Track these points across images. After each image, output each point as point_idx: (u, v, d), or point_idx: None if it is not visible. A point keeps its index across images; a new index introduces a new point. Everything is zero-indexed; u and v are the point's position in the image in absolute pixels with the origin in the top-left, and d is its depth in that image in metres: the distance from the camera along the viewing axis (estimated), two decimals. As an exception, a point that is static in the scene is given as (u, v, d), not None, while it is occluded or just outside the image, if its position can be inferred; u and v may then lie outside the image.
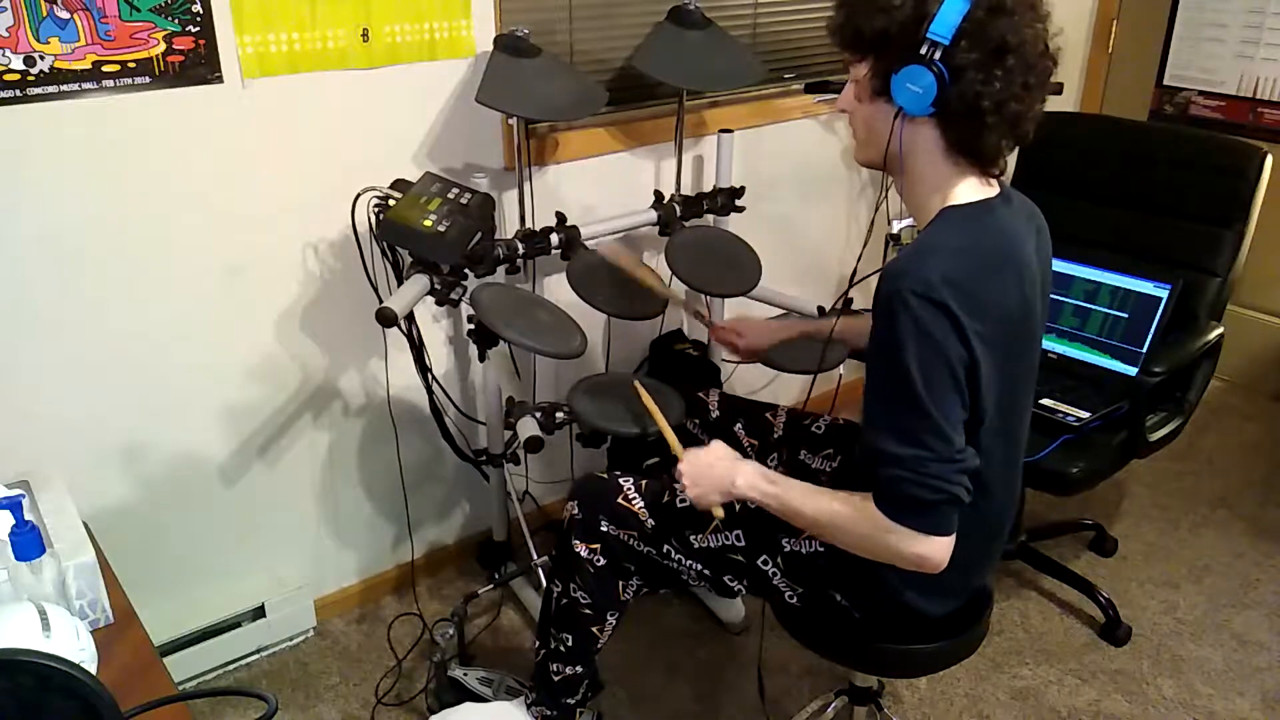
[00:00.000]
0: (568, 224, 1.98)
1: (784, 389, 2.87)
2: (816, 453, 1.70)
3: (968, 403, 1.19)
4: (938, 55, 1.15)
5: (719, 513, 1.42)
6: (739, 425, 1.76)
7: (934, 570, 1.25)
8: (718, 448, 1.43)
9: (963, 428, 1.20)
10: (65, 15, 1.50)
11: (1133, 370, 2.14)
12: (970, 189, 1.26)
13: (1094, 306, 2.22)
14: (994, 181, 1.29)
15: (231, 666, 2.04)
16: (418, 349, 2.00)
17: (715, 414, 1.79)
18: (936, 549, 1.22)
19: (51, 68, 1.51)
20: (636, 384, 1.71)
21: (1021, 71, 1.16)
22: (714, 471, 1.39)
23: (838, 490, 1.31)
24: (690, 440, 1.72)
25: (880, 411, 1.22)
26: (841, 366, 1.95)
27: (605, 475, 1.57)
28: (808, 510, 1.32)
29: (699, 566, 1.49)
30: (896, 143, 1.25)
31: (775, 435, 1.74)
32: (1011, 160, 1.74)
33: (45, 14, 1.48)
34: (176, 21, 1.60)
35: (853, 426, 1.68)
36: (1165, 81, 3.14)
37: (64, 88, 1.54)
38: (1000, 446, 1.30)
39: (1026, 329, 1.27)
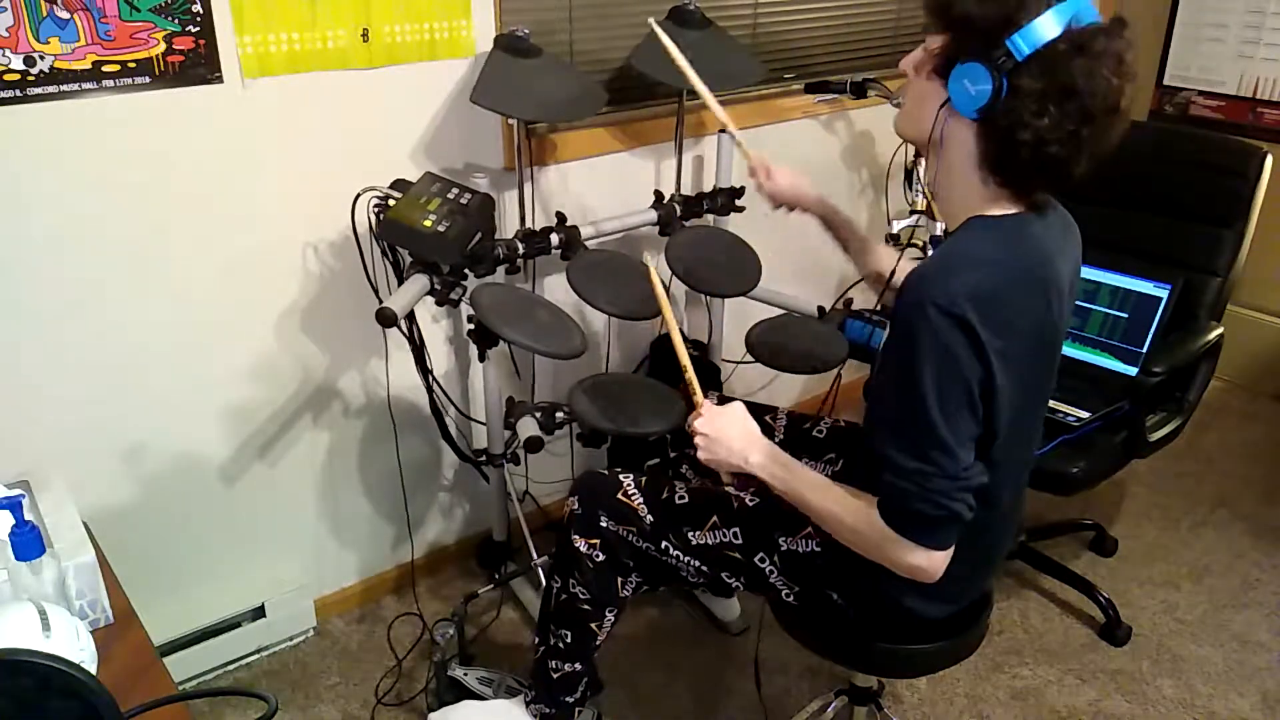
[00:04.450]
0: (568, 224, 1.98)
1: (784, 389, 2.87)
2: (818, 458, 1.70)
3: (981, 420, 1.18)
4: (1006, 66, 1.11)
5: (727, 479, 1.41)
6: None
7: (928, 580, 1.25)
8: (738, 414, 1.40)
9: (973, 445, 1.19)
10: (65, 15, 1.50)
11: (1133, 370, 2.14)
12: (1003, 207, 1.23)
13: (1094, 306, 2.22)
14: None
15: (231, 666, 2.04)
16: (418, 349, 2.00)
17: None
18: (933, 562, 1.23)
19: (51, 68, 1.51)
20: (650, 269, 1.63)
21: (1076, 120, 1.11)
22: (731, 442, 1.38)
23: (853, 491, 1.30)
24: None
25: (891, 420, 1.21)
26: (841, 367, 1.96)
27: (606, 472, 1.57)
28: (814, 501, 1.32)
29: (697, 563, 1.49)
30: (938, 130, 1.21)
31: (777, 440, 1.73)
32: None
33: (45, 14, 1.48)
34: (176, 21, 1.60)
35: (854, 429, 1.68)
36: (1165, 81, 3.14)
37: (64, 88, 1.54)
38: (1009, 459, 1.29)
39: (1048, 346, 1.26)
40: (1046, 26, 1.10)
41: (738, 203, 2.27)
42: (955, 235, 1.24)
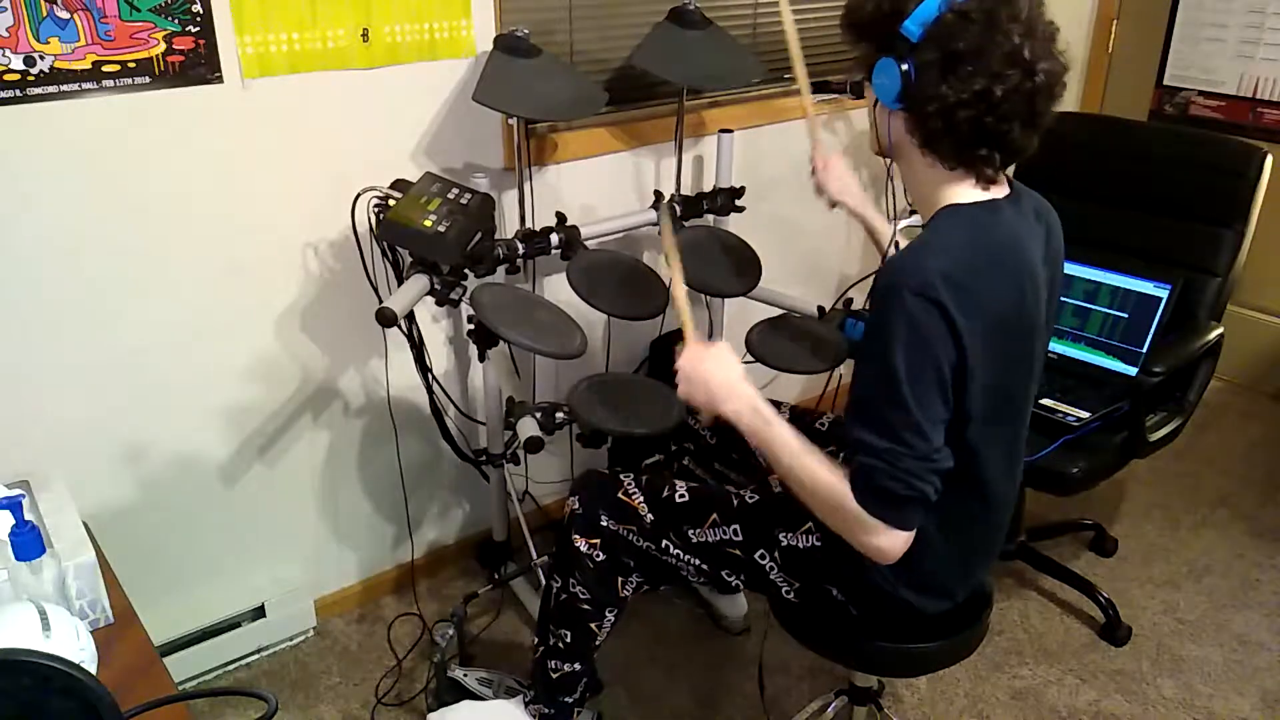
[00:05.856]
0: (568, 224, 1.98)
1: (784, 388, 2.87)
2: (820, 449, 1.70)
3: (951, 403, 1.20)
4: (905, 51, 1.18)
5: (707, 420, 1.41)
6: None
7: (886, 562, 1.27)
8: (722, 358, 1.36)
9: (943, 428, 1.21)
10: (65, 15, 1.50)
11: (1133, 370, 2.14)
12: (970, 190, 1.26)
13: (1094, 306, 2.22)
14: (1002, 182, 1.29)
15: (231, 666, 2.05)
16: (418, 349, 2.00)
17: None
18: (894, 542, 1.24)
19: (51, 68, 1.51)
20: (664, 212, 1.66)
21: (980, 80, 1.15)
22: (710, 385, 1.35)
23: (827, 461, 1.28)
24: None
25: (864, 402, 1.23)
26: (841, 366, 1.96)
27: (606, 471, 1.57)
28: (788, 461, 1.29)
29: (697, 561, 1.49)
30: (885, 133, 1.29)
31: None
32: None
33: (45, 14, 1.48)
34: (176, 21, 1.60)
35: None
36: (1165, 81, 3.14)
37: (64, 88, 1.54)
38: (997, 447, 1.30)
39: (1025, 330, 1.27)
40: (930, 5, 1.16)
41: (738, 203, 2.27)
42: (929, 225, 1.27)
